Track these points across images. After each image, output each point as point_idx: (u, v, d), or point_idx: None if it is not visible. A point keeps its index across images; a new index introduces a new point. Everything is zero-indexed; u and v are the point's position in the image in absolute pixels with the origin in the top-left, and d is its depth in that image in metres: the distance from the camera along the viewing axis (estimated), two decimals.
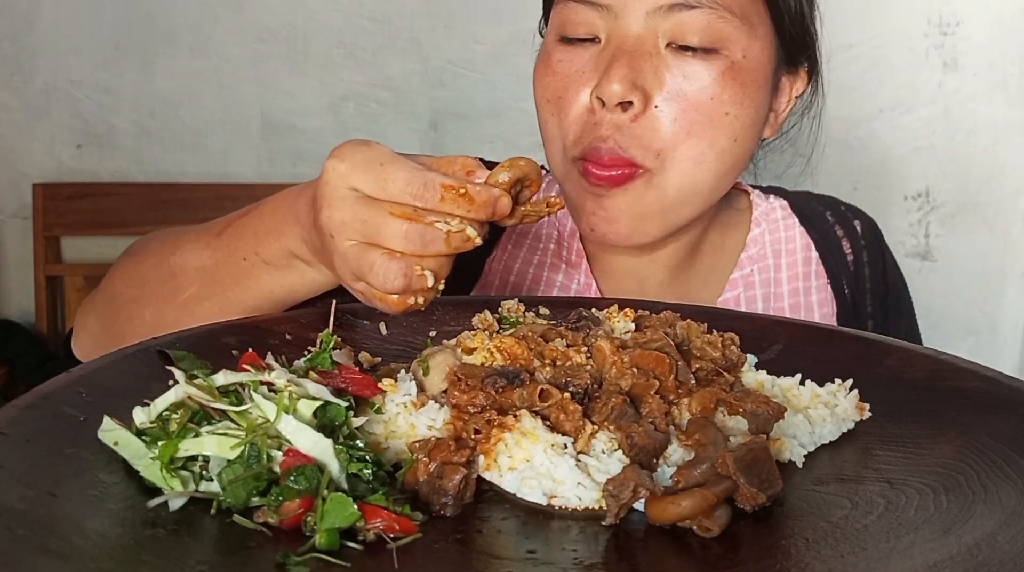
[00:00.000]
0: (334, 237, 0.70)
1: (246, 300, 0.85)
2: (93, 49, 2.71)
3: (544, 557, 0.50)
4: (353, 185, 0.69)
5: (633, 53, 0.90)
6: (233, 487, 0.52)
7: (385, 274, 0.68)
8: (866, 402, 0.68)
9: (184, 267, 0.88)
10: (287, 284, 0.83)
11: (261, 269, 0.83)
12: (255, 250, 0.83)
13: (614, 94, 0.88)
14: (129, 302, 0.93)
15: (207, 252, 0.87)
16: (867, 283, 1.12)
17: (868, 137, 2.57)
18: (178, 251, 0.89)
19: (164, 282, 0.89)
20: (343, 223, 0.69)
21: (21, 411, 0.57)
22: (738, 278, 1.09)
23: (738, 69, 0.91)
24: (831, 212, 1.16)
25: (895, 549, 0.50)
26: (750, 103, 0.93)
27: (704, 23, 0.89)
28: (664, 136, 0.90)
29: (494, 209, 0.69)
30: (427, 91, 2.70)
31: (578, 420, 0.58)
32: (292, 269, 0.82)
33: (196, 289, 0.87)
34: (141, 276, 0.92)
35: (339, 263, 0.71)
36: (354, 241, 0.69)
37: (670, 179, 0.92)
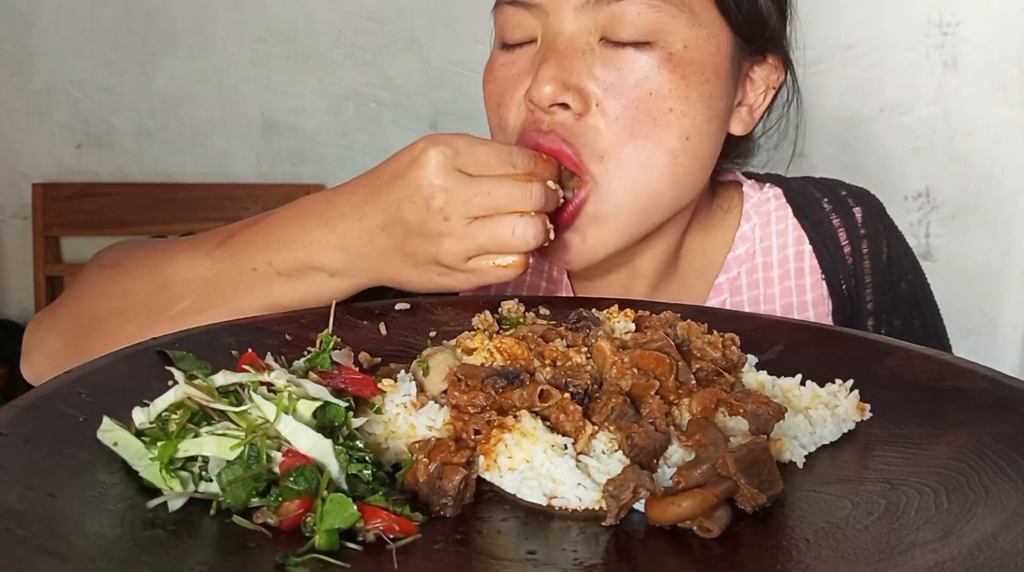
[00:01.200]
0: (449, 221, 0.75)
1: (249, 310, 0.83)
2: (93, 49, 2.71)
3: (544, 558, 0.50)
4: (457, 166, 0.75)
5: (563, 51, 0.86)
6: (233, 488, 0.52)
7: (524, 231, 0.76)
8: (867, 402, 0.68)
9: (178, 278, 0.86)
10: (299, 293, 0.82)
11: (272, 279, 0.82)
12: (267, 260, 0.82)
13: (544, 96, 0.85)
14: (107, 317, 0.88)
15: (206, 262, 0.85)
16: (866, 277, 1.04)
17: (868, 137, 2.57)
18: (172, 262, 0.87)
19: (154, 294, 0.86)
20: (461, 204, 0.75)
21: (20, 411, 0.57)
22: (723, 283, 1.03)
23: (677, 60, 0.86)
24: (829, 199, 1.07)
25: (896, 550, 0.50)
26: (697, 97, 0.87)
27: (638, 13, 0.85)
28: (607, 137, 0.86)
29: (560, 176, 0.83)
30: (427, 91, 2.70)
31: (578, 420, 0.58)
32: (308, 279, 0.81)
33: (192, 301, 0.85)
34: (123, 289, 0.89)
35: (452, 247, 0.76)
36: (473, 217, 0.75)
37: (618, 186, 0.87)
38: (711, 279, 1.04)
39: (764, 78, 0.97)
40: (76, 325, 0.91)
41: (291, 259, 0.81)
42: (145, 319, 0.86)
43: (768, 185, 1.09)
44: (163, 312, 0.85)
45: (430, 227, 0.76)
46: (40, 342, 0.95)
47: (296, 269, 0.81)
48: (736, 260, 1.04)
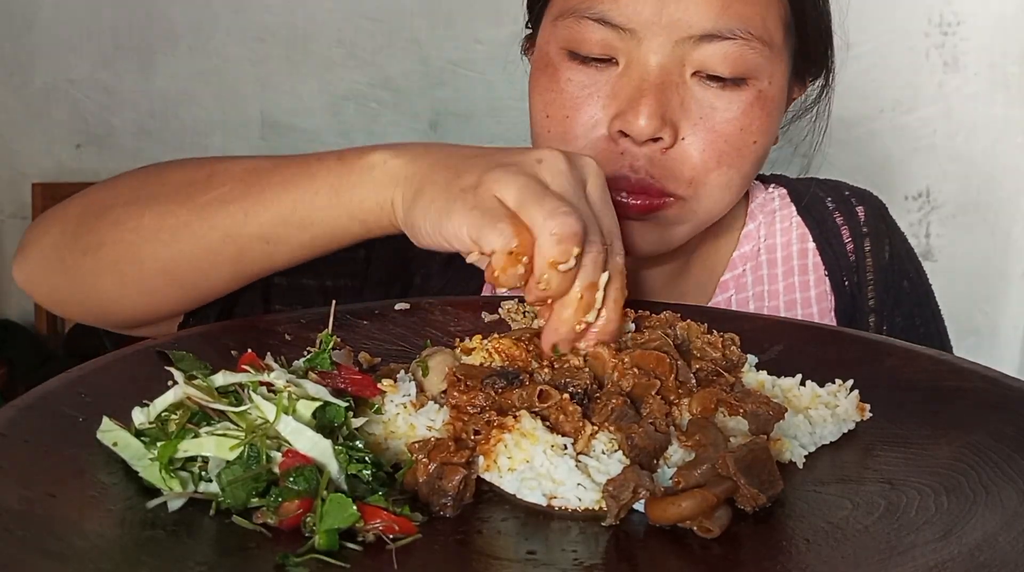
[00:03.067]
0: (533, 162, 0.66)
1: (280, 203, 0.77)
2: (93, 49, 2.71)
3: (544, 558, 0.50)
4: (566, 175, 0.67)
5: (660, 85, 0.85)
6: (232, 488, 0.52)
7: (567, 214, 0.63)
8: (867, 402, 0.68)
9: (231, 170, 0.81)
10: (337, 186, 0.74)
11: (319, 169, 0.76)
12: (320, 161, 0.76)
13: (643, 131, 0.84)
14: (122, 205, 0.83)
15: (271, 161, 0.81)
16: (868, 274, 1.06)
17: (868, 137, 2.57)
18: (232, 160, 0.83)
19: (192, 183, 0.81)
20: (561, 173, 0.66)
21: (20, 412, 0.57)
22: (729, 280, 1.05)
23: (765, 98, 0.88)
24: (832, 198, 1.10)
25: (896, 550, 0.50)
26: (773, 127, 0.92)
27: (735, 55, 0.85)
28: (695, 166, 0.87)
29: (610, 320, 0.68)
30: (427, 91, 2.70)
31: (578, 421, 0.58)
32: (353, 173, 0.74)
33: (228, 189, 0.79)
34: (162, 179, 0.84)
35: (508, 174, 0.65)
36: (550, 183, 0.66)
37: (703, 205, 0.90)
38: (717, 277, 1.06)
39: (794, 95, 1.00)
40: (84, 213, 0.86)
41: (345, 159, 0.75)
42: (166, 206, 0.81)
43: (773, 185, 1.11)
44: (190, 199, 0.80)
45: (517, 154, 0.68)
46: (40, 236, 0.89)
47: (349, 162, 0.75)
48: (741, 258, 1.06)
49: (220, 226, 0.78)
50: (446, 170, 0.69)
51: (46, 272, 0.89)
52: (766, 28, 0.86)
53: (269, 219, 0.77)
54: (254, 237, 0.78)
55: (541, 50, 0.93)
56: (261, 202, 0.77)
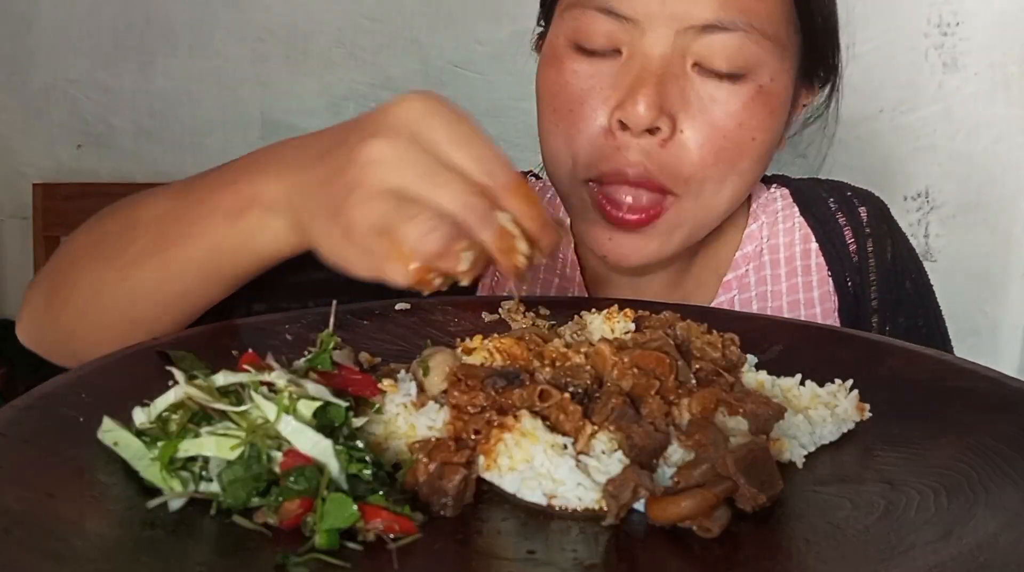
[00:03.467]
0: (372, 169, 0.60)
1: (189, 259, 0.76)
2: (92, 49, 2.71)
3: (544, 558, 0.50)
4: (425, 131, 0.61)
5: (660, 75, 0.85)
6: (233, 488, 0.52)
7: (425, 231, 0.60)
8: (867, 402, 0.68)
9: (144, 217, 0.80)
10: (238, 236, 0.73)
11: (217, 218, 0.74)
12: (216, 196, 0.74)
13: (642, 120, 0.84)
14: (78, 261, 0.85)
15: (169, 201, 0.79)
16: (871, 275, 1.06)
17: (868, 137, 2.57)
18: (142, 205, 0.82)
19: (122, 234, 0.81)
20: (393, 161, 0.60)
21: (19, 412, 0.57)
22: (732, 280, 1.05)
23: (766, 94, 0.88)
24: (835, 198, 1.10)
25: (896, 550, 0.50)
26: (776, 125, 0.91)
27: (737, 47, 0.85)
28: (692, 161, 0.87)
29: (542, 233, 0.63)
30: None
31: (578, 420, 0.58)
32: (248, 217, 0.72)
33: (143, 243, 0.79)
34: (100, 233, 0.85)
35: (358, 204, 0.61)
36: (396, 184, 0.60)
37: (699, 204, 0.89)
38: (720, 276, 1.06)
39: (801, 100, 1.00)
40: (53, 275, 0.89)
41: (235, 191, 0.72)
42: (105, 262, 0.82)
43: (775, 185, 1.12)
44: (118, 256, 0.80)
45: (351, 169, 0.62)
46: (28, 300, 0.93)
47: (239, 202, 0.72)
48: (744, 258, 1.06)
49: (149, 279, 0.78)
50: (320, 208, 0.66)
51: (39, 329, 0.92)
52: (770, 22, 0.86)
53: (190, 269, 0.77)
54: (186, 282, 0.78)
55: (549, 43, 0.93)
56: (175, 258, 0.77)
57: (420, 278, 0.63)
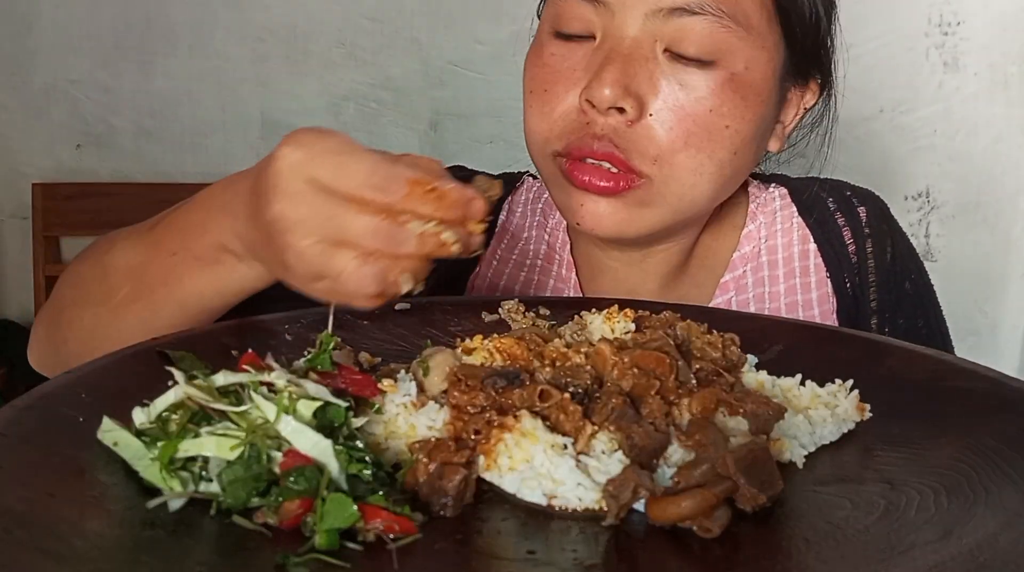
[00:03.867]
0: (288, 233, 0.63)
1: (172, 302, 0.79)
2: (92, 49, 2.71)
3: (544, 558, 0.50)
4: (312, 175, 0.62)
5: (627, 56, 0.86)
6: (233, 488, 0.52)
7: (359, 278, 0.62)
8: (867, 402, 0.68)
9: (116, 266, 0.83)
10: (216, 282, 0.77)
11: (191, 265, 0.76)
12: (183, 244, 0.77)
13: (604, 98, 0.85)
14: (69, 306, 0.88)
15: (139, 248, 0.82)
16: (870, 276, 1.06)
17: (868, 137, 2.57)
18: (112, 249, 0.85)
19: (99, 283, 0.85)
20: (301, 219, 0.62)
21: (20, 412, 0.57)
22: (729, 281, 1.04)
23: (739, 81, 0.87)
24: (834, 199, 1.09)
25: (896, 550, 0.50)
26: (752, 116, 0.89)
27: (706, 31, 0.85)
28: (660, 143, 0.87)
29: (467, 210, 0.63)
30: (427, 91, 2.70)
31: (578, 420, 0.58)
32: (221, 264, 0.75)
33: (127, 290, 0.82)
34: (80, 277, 0.88)
35: (294, 261, 0.64)
36: (314, 239, 0.62)
37: (671, 188, 0.89)
38: (717, 278, 1.05)
39: (799, 98, 0.99)
40: (53, 313, 0.92)
41: (203, 242, 0.75)
42: (94, 308, 0.85)
43: (773, 185, 1.11)
44: (107, 301, 0.83)
45: (275, 235, 0.64)
46: (35, 332, 0.96)
47: (208, 252, 0.75)
48: (742, 259, 1.05)
49: (136, 322, 0.81)
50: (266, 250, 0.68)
51: (46, 361, 0.95)
52: (740, 7, 0.87)
53: (170, 311, 0.80)
54: (174, 319, 0.80)
55: (536, 34, 0.96)
56: (157, 302, 0.80)
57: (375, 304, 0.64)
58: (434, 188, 0.62)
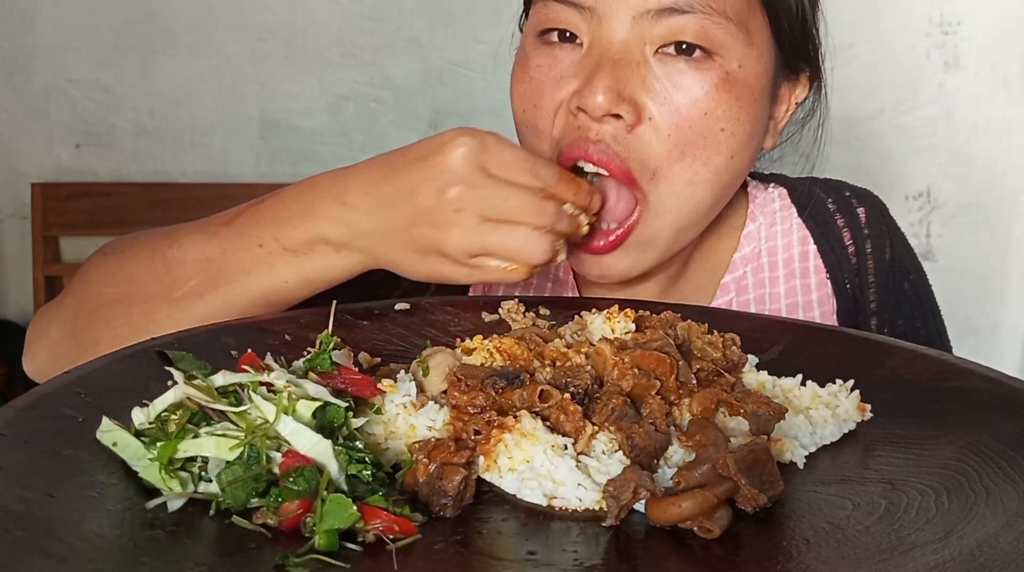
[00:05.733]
0: (462, 213, 0.75)
1: (253, 291, 0.82)
2: (92, 48, 2.71)
3: (544, 558, 0.50)
4: (483, 163, 0.75)
5: (618, 61, 0.84)
6: (232, 488, 0.51)
7: (532, 247, 0.76)
8: (868, 403, 0.68)
9: (184, 259, 0.84)
10: (304, 272, 0.81)
11: (279, 256, 0.81)
12: (274, 235, 0.81)
13: (598, 105, 0.83)
14: (108, 303, 0.87)
15: (214, 242, 0.84)
16: (870, 277, 1.05)
17: (869, 137, 2.57)
18: (176, 244, 0.86)
19: (158, 277, 0.85)
20: (480, 199, 0.75)
21: (19, 412, 0.56)
22: (730, 282, 1.04)
23: (733, 80, 0.86)
24: (833, 199, 1.08)
25: (897, 550, 0.50)
26: (747, 117, 0.88)
27: (696, 28, 0.83)
28: (658, 153, 0.85)
29: (592, 201, 0.81)
30: (427, 91, 2.70)
31: (578, 421, 0.58)
32: (315, 254, 0.80)
33: (197, 282, 0.83)
34: (127, 273, 0.88)
35: (460, 239, 0.75)
36: (484, 217, 0.75)
37: (666, 204, 0.88)
38: (718, 279, 1.05)
39: (790, 93, 0.98)
40: (77, 313, 0.90)
41: (299, 233, 0.80)
42: (148, 302, 0.85)
43: (772, 185, 1.10)
44: (167, 295, 0.84)
45: (441, 215, 0.75)
46: (42, 333, 0.94)
47: (303, 243, 0.80)
48: (742, 260, 1.05)
49: (201, 315, 0.83)
50: (392, 240, 0.79)
51: (53, 368, 0.93)
52: (728, 3, 0.85)
53: (246, 302, 0.83)
54: (245, 313, 0.83)
55: (520, 43, 0.94)
56: (233, 292, 0.83)
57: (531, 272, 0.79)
58: (574, 178, 0.80)
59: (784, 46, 0.92)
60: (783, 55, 0.93)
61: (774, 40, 0.91)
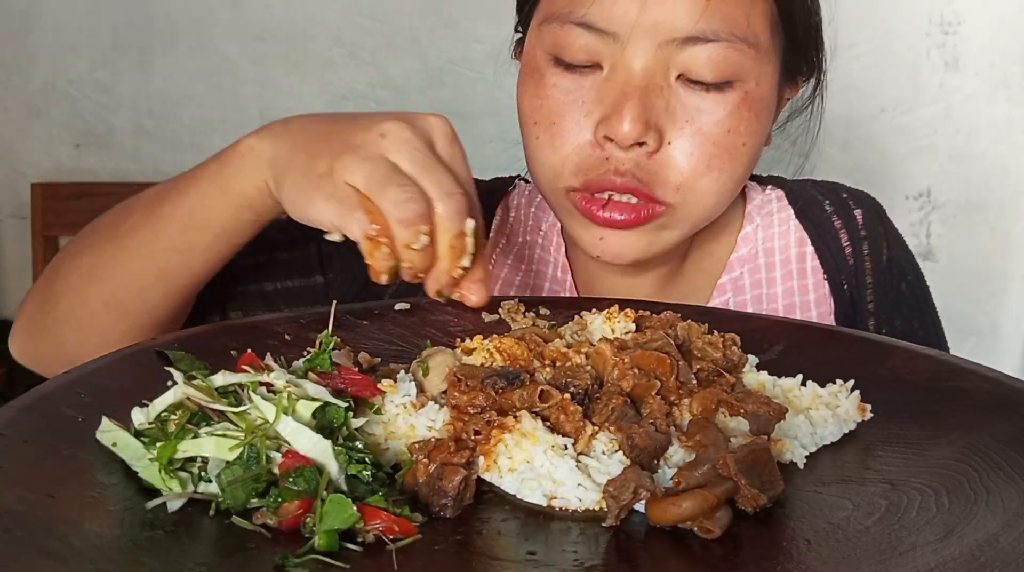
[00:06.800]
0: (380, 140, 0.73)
1: (181, 213, 0.83)
2: (92, 48, 2.71)
3: (544, 559, 0.50)
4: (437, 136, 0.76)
5: (644, 89, 0.85)
6: (232, 488, 0.51)
7: (405, 198, 0.70)
8: (868, 403, 0.68)
9: (141, 198, 0.88)
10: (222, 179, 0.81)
11: (209, 168, 0.82)
12: (216, 158, 0.82)
13: (627, 135, 0.84)
14: (68, 258, 0.91)
15: (172, 179, 0.87)
16: (867, 278, 1.06)
17: (869, 137, 2.57)
18: (150, 189, 0.89)
19: (114, 222, 0.89)
20: (406, 142, 0.73)
21: (19, 412, 0.56)
22: (726, 283, 1.04)
23: (752, 99, 0.88)
24: (830, 201, 1.09)
25: (897, 550, 0.50)
26: (761, 128, 0.91)
27: (720, 57, 0.84)
28: (683, 170, 0.87)
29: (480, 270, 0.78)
30: (427, 91, 2.70)
31: (578, 421, 0.58)
32: (233, 160, 0.80)
33: (138, 217, 0.86)
34: (92, 234, 0.91)
35: (360, 158, 0.72)
36: (396, 159, 0.72)
37: (693, 211, 0.90)
38: (715, 279, 1.05)
39: (789, 94, 1.00)
40: (45, 280, 0.94)
41: (232, 146, 0.82)
42: (97, 247, 0.88)
43: (770, 187, 1.11)
44: (113, 236, 0.87)
45: (358, 138, 0.74)
46: (21, 311, 0.97)
47: (231, 151, 0.81)
48: (739, 260, 1.05)
49: (138, 251, 0.85)
50: (305, 154, 0.76)
51: (28, 340, 0.97)
52: (751, 29, 0.85)
53: (175, 229, 0.83)
54: (167, 250, 0.84)
55: (528, 54, 0.93)
56: (163, 218, 0.84)
57: (372, 240, 0.71)
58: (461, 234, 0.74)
59: (794, 56, 0.94)
60: (790, 62, 0.94)
61: (784, 51, 0.92)
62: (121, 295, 0.87)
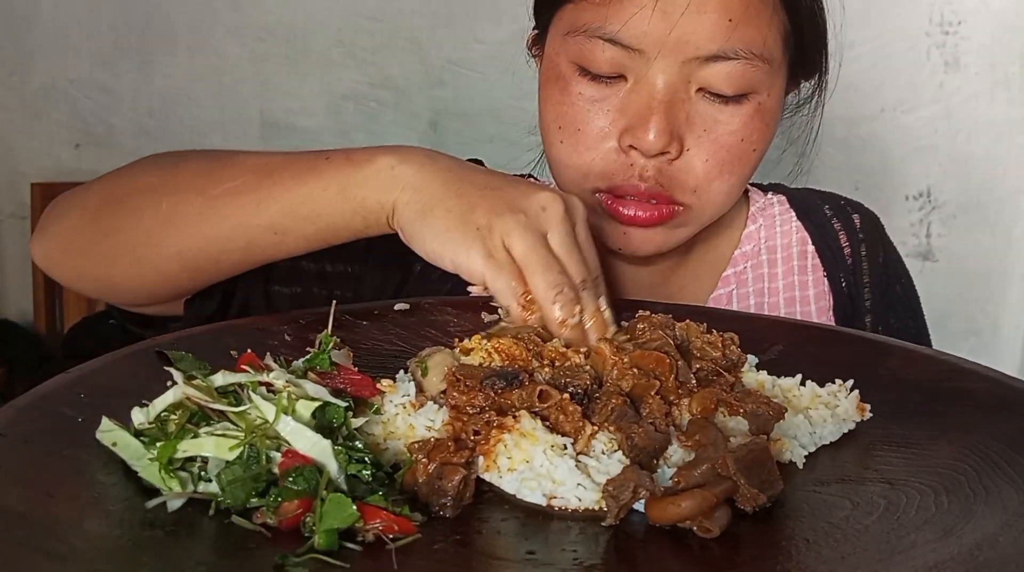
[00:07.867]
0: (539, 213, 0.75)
1: (292, 199, 0.82)
2: (92, 48, 2.70)
3: (544, 558, 0.50)
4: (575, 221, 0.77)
5: (668, 102, 0.89)
6: (232, 488, 0.51)
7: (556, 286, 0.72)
8: (867, 403, 0.68)
9: (242, 163, 0.86)
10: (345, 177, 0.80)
11: (335, 163, 0.81)
12: (347, 154, 0.81)
13: (653, 146, 0.89)
14: (141, 191, 0.88)
15: (279, 157, 0.85)
16: (865, 277, 1.12)
17: (869, 137, 2.57)
18: (243, 152, 0.87)
19: (205, 174, 0.86)
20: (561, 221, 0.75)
21: (19, 412, 0.57)
22: (731, 275, 1.09)
23: (764, 109, 0.93)
24: (830, 206, 1.16)
25: (896, 550, 0.50)
26: (770, 134, 0.96)
27: (738, 74, 0.89)
28: (698, 175, 0.92)
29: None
30: (427, 91, 2.70)
31: (578, 421, 0.58)
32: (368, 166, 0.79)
33: (241, 182, 0.84)
34: (174, 166, 0.89)
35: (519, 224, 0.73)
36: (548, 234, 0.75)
37: (706, 211, 0.95)
38: (718, 272, 1.09)
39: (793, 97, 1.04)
40: (105, 198, 0.91)
41: (370, 150, 0.81)
42: (182, 195, 0.85)
43: (772, 193, 1.17)
44: (205, 190, 0.85)
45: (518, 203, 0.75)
46: (61, 216, 0.93)
47: (367, 154, 0.81)
48: (743, 256, 1.10)
49: (232, 216, 0.83)
50: (458, 198, 0.76)
51: (64, 253, 0.94)
52: (767, 47, 0.91)
53: (279, 210, 0.82)
54: (264, 227, 0.83)
55: (551, 60, 0.96)
56: (272, 195, 0.83)
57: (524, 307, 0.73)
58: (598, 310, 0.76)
59: (804, 63, 0.99)
60: (796, 69, 0.99)
61: (793, 60, 0.97)
62: (197, 251, 0.86)
